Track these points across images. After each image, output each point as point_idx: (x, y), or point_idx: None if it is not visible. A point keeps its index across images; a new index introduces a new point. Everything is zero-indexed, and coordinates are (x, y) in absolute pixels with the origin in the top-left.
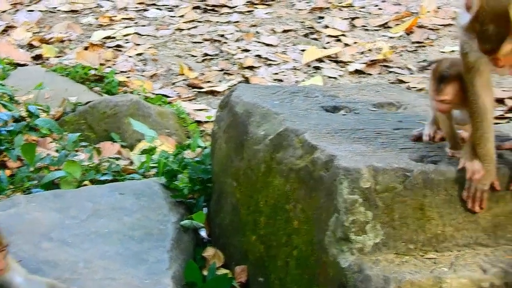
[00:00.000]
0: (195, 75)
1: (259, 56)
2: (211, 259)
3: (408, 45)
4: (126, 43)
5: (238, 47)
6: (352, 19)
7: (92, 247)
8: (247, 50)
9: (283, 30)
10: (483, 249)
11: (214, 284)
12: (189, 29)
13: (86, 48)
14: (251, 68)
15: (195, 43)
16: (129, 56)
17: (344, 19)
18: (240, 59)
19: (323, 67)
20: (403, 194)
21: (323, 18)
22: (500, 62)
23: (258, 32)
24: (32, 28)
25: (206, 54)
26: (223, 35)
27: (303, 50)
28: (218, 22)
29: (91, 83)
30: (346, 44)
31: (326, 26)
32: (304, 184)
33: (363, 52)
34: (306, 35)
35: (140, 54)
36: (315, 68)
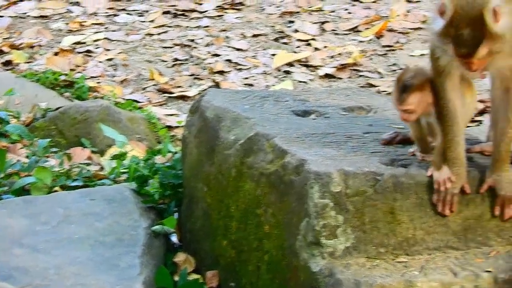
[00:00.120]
0: (165, 80)
1: (230, 60)
2: (182, 264)
3: (378, 49)
4: (96, 48)
5: (208, 52)
6: (322, 23)
7: (63, 253)
8: (217, 55)
9: (253, 35)
10: (454, 252)
11: None
12: (159, 34)
13: (56, 54)
14: (221, 72)
15: (165, 48)
16: (99, 62)
17: (314, 23)
18: (211, 63)
19: (293, 72)
20: (374, 198)
21: (293, 22)
22: (474, 66)
23: (228, 37)
24: (2, 34)
25: (176, 59)
26: (193, 40)
27: (274, 55)
28: (188, 27)
29: (61, 88)
30: (316, 48)
31: (296, 31)
32: (275, 189)
33: (333, 56)
34: (276, 40)
35: (111, 60)
36: (286, 72)
